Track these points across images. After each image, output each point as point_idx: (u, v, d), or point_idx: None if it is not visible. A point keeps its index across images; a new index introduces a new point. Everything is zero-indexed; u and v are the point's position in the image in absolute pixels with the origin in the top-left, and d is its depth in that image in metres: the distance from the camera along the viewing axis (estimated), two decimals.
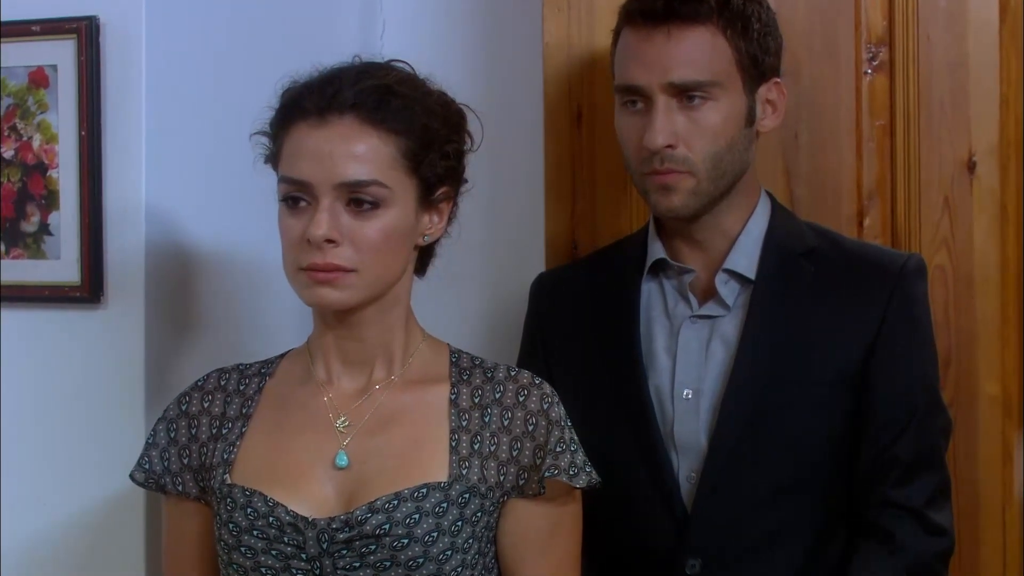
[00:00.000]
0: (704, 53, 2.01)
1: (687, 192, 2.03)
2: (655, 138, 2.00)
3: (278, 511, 1.81)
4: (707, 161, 2.01)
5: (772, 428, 2.03)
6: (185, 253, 2.28)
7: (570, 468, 1.85)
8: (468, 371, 1.92)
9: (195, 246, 2.30)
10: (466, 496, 1.82)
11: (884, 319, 2.04)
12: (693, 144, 2.01)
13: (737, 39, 2.02)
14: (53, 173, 2.20)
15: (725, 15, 2.02)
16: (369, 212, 1.80)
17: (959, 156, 2.33)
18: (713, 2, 2.01)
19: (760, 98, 2.07)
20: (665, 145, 2.00)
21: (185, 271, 2.28)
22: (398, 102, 1.82)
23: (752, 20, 2.04)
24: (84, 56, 2.17)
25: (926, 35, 2.33)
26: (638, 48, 2.03)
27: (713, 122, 2.01)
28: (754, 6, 2.05)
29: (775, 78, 2.08)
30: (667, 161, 2.01)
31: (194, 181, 2.27)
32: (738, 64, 2.03)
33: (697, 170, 2.02)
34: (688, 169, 2.01)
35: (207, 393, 1.94)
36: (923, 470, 2.04)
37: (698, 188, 2.03)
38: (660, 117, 2.00)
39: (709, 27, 2.01)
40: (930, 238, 2.33)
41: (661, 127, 2.00)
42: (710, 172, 2.02)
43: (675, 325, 2.09)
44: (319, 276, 1.79)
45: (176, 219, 2.25)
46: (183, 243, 2.27)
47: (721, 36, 2.02)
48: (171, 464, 1.92)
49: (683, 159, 2.01)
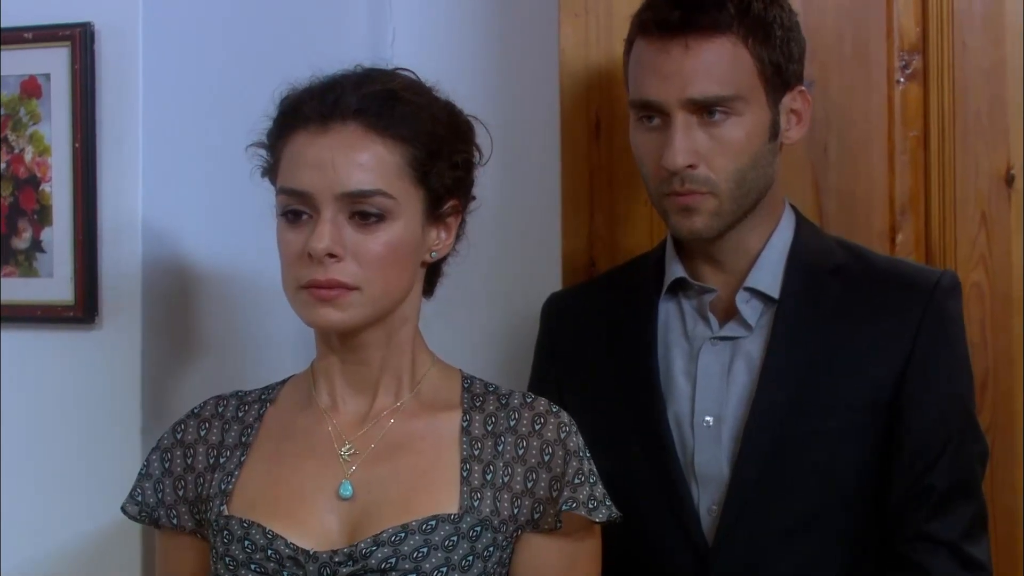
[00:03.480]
0: (725, 65, 1.96)
1: (709, 213, 1.98)
2: (675, 158, 1.95)
3: (277, 544, 1.78)
4: (730, 180, 1.97)
5: (798, 457, 1.99)
6: (184, 271, 2.26)
7: (589, 501, 1.81)
8: (481, 397, 1.89)
9: (194, 263, 2.28)
10: (478, 529, 1.79)
11: (916, 339, 2.00)
12: (715, 162, 1.96)
13: (759, 48, 1.97)
14: (46, 187, 2.20)
15: (746, 23, 1.96)
16: (374, 225, 1.76)
17: (996, 169, 2.29)
18: (733, 9, 1.96)
19: (784, 108, 2.02)
20: (686, 165, 1.96)
21: (184, 290, 2.27)
22: (404, 108, 1.79)
23: (774, 26, 1.99)
24: (78, 65, 2.16)
25: (961, 41, 2.30)
26: (654, 61, 1.98)
27: (736, 138, 1.97)
28: (776, 10, 2.00)
29: (799, 86, 2.04)
30: (688, 182, 1.97)
31: (193, 195, 2.26)
32: (761, 75, 1.98)
33: (719, 190, 1.97)
34: (710, 190, 1.97)
35: (204, 421, 1.92)
36: (959, 500, 1.99)
37: (721, 209, 1.98)
38: (679, 135, 1.96)
39: (730, 37, 1.96)
40: (966, 255, 2.30)
41: (681, 146, 1.95)
42: (733, 192, 1.98)
43: (694, 347, 2.06)
44: (320, 294, 1.76)
45: (174, 235, 2.23)
46: (181, 260, 2.26)
47: (742, 46, 1.97)
48: (165, 496, 1.90)
49: (704, 179, 1.97)
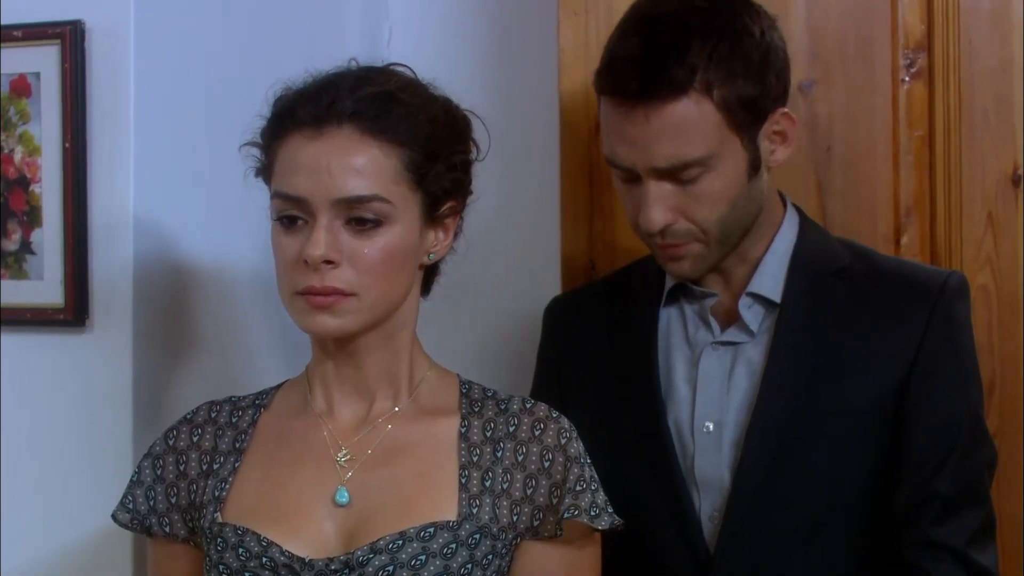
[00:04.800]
0: (691, 127, 1.88)
1: (696, 257, 1.97)
2: (650, 221, 1.92)
3: (272, 551, 1.75)
4: (714, 229, 1.94)
5: (801, 463, 1.96)
6: (176, 273, 2.24)
7: (591, 508, 1.79)
8: (480, 402, 1.86)
9: (187, 265, 2.26)
10: (476, 537, 1.76)
11: (923, 342, 1.97)
12: (695, 215, 1.93)
13: (726, 93, 1.88)
14: (36, 188, 2.18)
15: (709, 72, 1.87)
16: (371, 230, 1.74)
17: (1003, 169, 2.28)
18: (695, 58, 1.87)
19: (765, 135, 1.95)
20: (662, 226, 1.93)
21: (176, 292, 2.25)
22: (400, 110, 1.76)
23: (738, 60, 1.89)
24: (69, 63, 2.14)
25: (968, 39, 2.28)
26: (618, 125, 1.91)
27: (713, 191, 1.92)
28: (746, 40, 1.90)
29: (781, 108, 1.96)
30: (669, 236, 1.94)
31: (186, 196, 2.24)
32: (731, 124, 1.90)
33: (704, 238, 1.95)
34: (694, 239, 1.95)
35: (196, 426, 1.89)
36: (966, 506, 1.96)
37: (707, 252, 1.97)
38: (651, 199, 1.92)
39: (692, 95, 1.87)
40: (972, 257, 2.28)
41: (655, 210, 1.92)
42: (718, 237, 1.95)
43: (695, 352, 2.03)
44: (317, 301, 1.74)
45: (167, 236, 2.21)
46: (174, 262, 2.24)
47: (707, 100, 1.88)
48: (157, 504, 1.87)
49: (686, 232, 1.94)
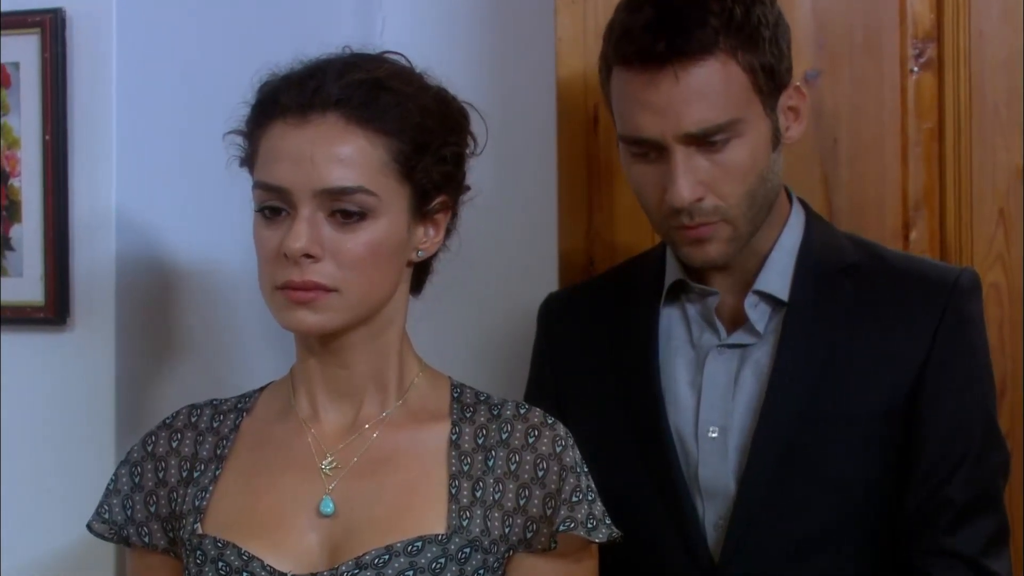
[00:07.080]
0: (719, 89, 1.86)
1: (725, 240, 1.92)
2: (680, 195, 1.86)
3: (253, 566, 1.71)
4: (742, 204, 1.90)
5: (809, 469, 1.93)
6: (160, 270, 2.23)
7: (588, 520, 1.74)
8: (471, 408, 1.82)
9: (171, 262, 2.24)
10: (466, 551, 1.72)
11: (935, 342, 1.93)
12: (722, 189, 1.88)
13: (749, 57, 1.87)
14: (15, 182, 2.16)
15: (732, 33, 1.86)
16: (355, 224, 1.70)
17: (1014, 163, 2.24)
18: (716, 22, 1.85)
19: (781, 108, 1.94)
20: (693, 200, 1.88)
21: (160, 290, 2.23)
22: (389, 98, 1.72)
23: (760, 28, 1.88)
24: (49, 52, 2.12)
25: (978, 29, 2.25)
26: (642, 95, 1.87)
27: (741, 160, 1.88)
28: (758, 9, 1.89)
29: (793, 82, 1.95)
30: (697, 215, 1.89)
31: (169, 190, 2.21)
32: (755, 86, 1.88)
33: (732, 215, 1.90)
34: (721, 217, 1.90)
35: (176, 432, 1.85)
36: (979, 513, 1.93)
37: (736, 233, 1.92)
38: (681, 170, 1.86)
39: (718, 56, 1.85)
40: (983, 253, 2.26)
41: (684, 181, 1.86)
42: (746, 214, 1.91)
43: (700, 356, 1.99)
44: (296, 296, 1.70)
45: (150, 232, 2.19)
46: (157, 258, 2.22)
47: (732, 62, 1.86)
48: (135, 513, 1.83)
49: (714, 209, 1.89)
